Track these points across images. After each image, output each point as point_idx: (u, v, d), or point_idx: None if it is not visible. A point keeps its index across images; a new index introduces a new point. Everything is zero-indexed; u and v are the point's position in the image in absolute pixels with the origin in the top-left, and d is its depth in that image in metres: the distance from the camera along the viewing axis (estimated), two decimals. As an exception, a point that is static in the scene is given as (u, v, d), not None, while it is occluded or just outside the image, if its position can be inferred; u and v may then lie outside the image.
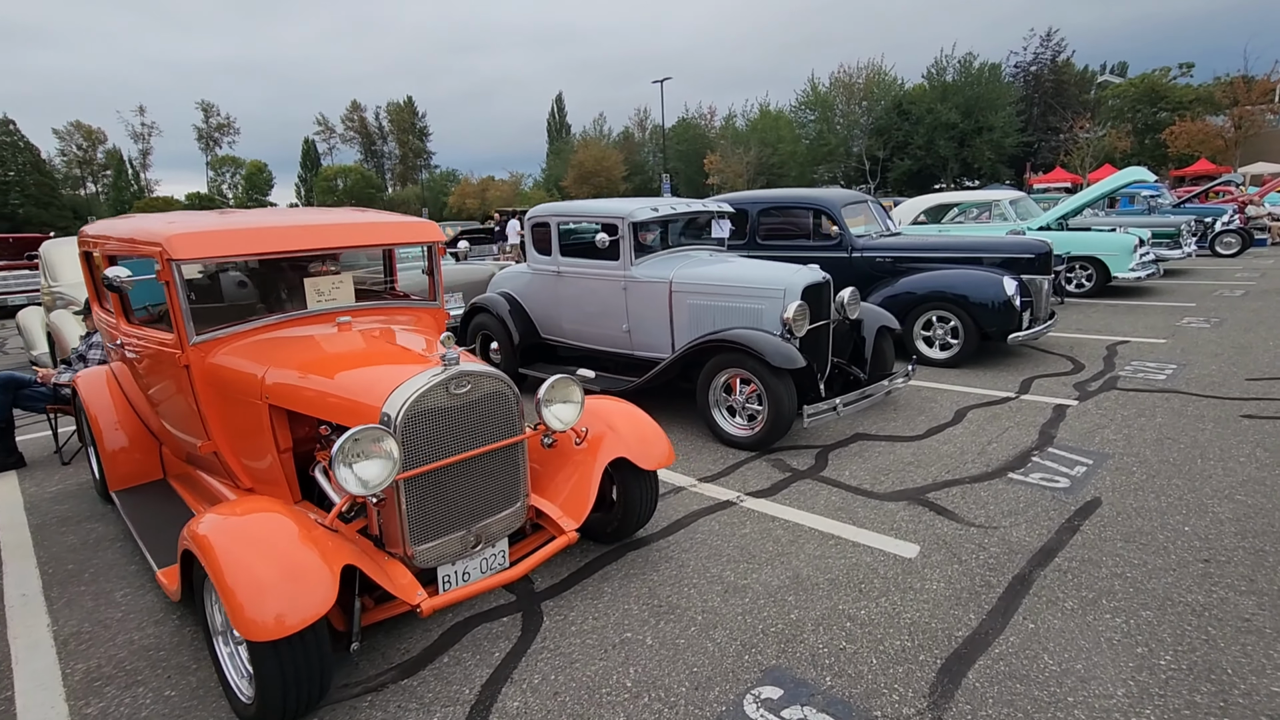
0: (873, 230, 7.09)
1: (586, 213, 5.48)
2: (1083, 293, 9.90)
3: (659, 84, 38.13)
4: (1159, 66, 49.87)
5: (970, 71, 47.86)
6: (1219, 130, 33.90)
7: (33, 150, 49.12)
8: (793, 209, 7.35)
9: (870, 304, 5.39)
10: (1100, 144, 39.99)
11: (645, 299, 5.14)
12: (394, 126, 76.41)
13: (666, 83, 39.33)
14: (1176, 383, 5.40)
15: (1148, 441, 4.19)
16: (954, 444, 4.33)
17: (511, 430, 2.72)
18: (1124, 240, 9.55)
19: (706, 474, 4.05)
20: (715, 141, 54.06)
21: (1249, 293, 9.67)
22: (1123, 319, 8.18)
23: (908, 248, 6.69)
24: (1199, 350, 6.44)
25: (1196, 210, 16.50)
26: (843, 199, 7.00)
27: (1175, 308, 8.77)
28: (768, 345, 4.21)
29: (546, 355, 6.01)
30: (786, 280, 4.58)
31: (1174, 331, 7.33)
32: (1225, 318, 7.94)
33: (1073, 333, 7.54)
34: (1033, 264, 6.34)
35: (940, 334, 6.28)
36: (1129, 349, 6.64)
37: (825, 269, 7.10)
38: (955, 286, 6.13)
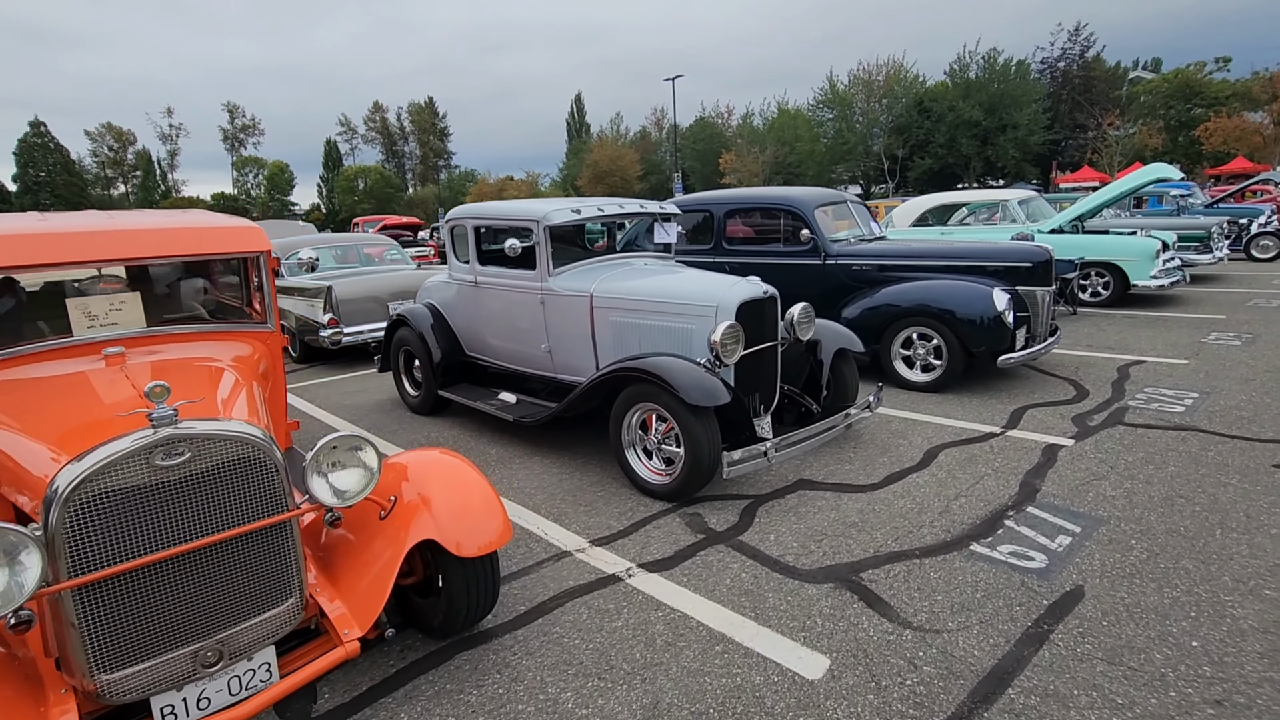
0: (852, 235, 6.27)
1: (500, 214, 4.77)
2: (1099, 302, 8.94)
3: (671, 81, 37.24)
4: (1194, 61, 47.68)
5: (994, 68, 46.20)
6: (1257, 127, 32.06)
7: (63, 151, 49.92)
8: (761, 210, 6.56)
9: (829, 321, 4.59)
10: (1130, 142, 38.26)
11: (565, 314, 4.41)
12: (415, 127, 76.54)
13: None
14: (1197, 417, 4.52)
15: (1154, 501, 3.35)
16: (913, 497, 3.53)
17: (271, 507, 2.03)
18: (1145, 245, 8.57)
19: (604, 533, 3.31)
20: (732, 140, 53.01)
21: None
22: (1141, 334, 7.24)
23: (889, 254, 5.86)
24: (1226, 374, 5.52)
25: (1231, 210, 15.28)
26: (816, 200, 6.19)
27: (1202, 320, 7.79)
28: (683, 377, 3.45)
29: (473, 375, 5.31)
30: (719, 296, 3.81)
31: (1199, 350, 6.40)
32: (1259, 333, 6.96)
33: (1082, 350, 6.63)
34: (1030, 274, 5.48)
35: (921, 354, 5.45)
36: (1144, 371, 5.74)
37: (797, 278, 6.36)
38: (937, 300, 5.29)
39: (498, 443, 4.70)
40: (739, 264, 6.48)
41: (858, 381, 4.51)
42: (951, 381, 5.34)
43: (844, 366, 4.46)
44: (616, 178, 52.21)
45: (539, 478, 4.06)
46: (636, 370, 3.61)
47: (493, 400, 4.84)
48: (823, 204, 6.24)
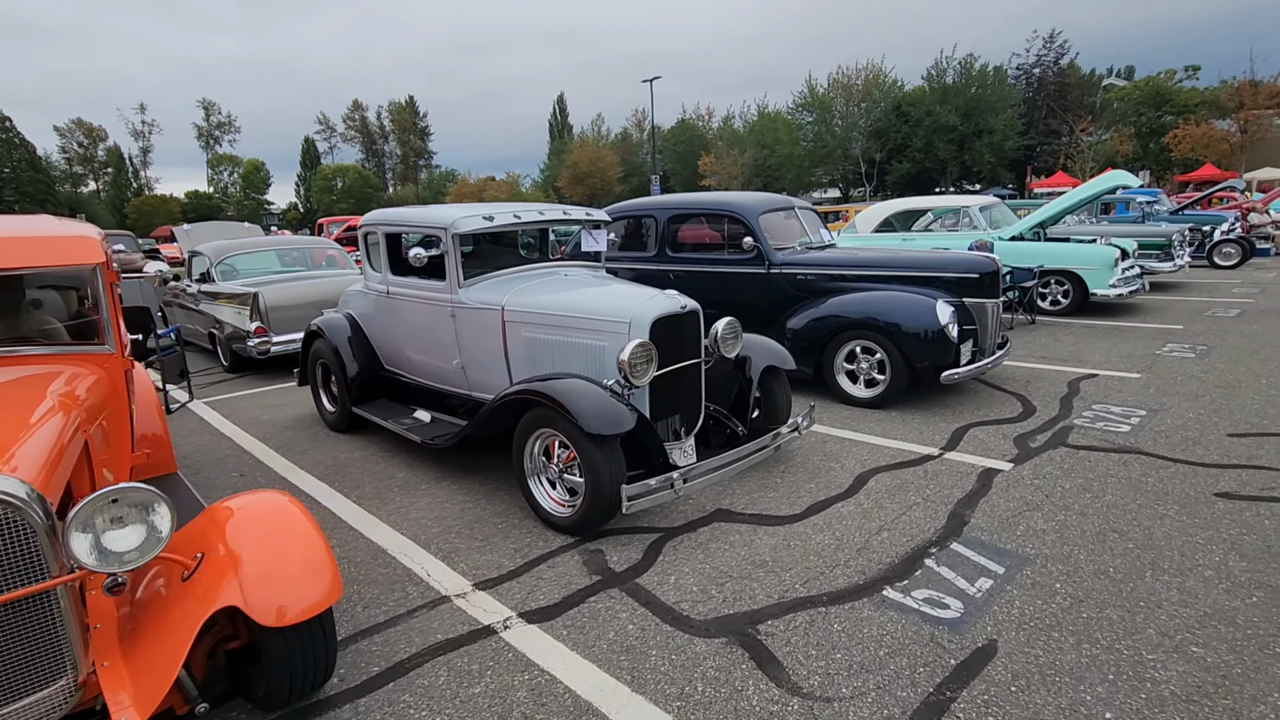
0: (799, 243, 6.01)
1: (409, 221, 4.44)
2: (1059, 311, 8.78)
3: (649, 83, 37.00)
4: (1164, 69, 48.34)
5: (971, 73, 46.51)
6: (1224, 134, 32.47)
7: (28, 147, 48.57)
8: (704, 217, 6.29)
9: (758, 337, 4.32)
10: (1102, 148, 38.65)
11: (476, 329, 4.10)
12: (395, 126, 75.69)
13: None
14: (1142, 438, 4.31)
15: (1086, 536, 3.11)
16: (834, 531, 3.26)
17: (20, 575, 1.71)
18: (1104, 253, 8.42)
19: (493, 573, 3.00)
20: (713, 143, 52.92)
21: (1244, 312, 8.51)
22: (1096, 345, 7.06)
23: (835, 264, 5.61)
24: (1177, 389, 5.33)
25: (1195, 218, 15.31)
26: (760, 206, 5.92)
27: (1159, 330, 7.64)
28: (583, 402, 3.16)
29: (393, 391, 4.98)
30: (632, 311, 3.52)
31: (1152, 362, 6.22)
32: (1214, 344, 6.81)
33: (1035, 361, 6.43)
34: (977, 285, 5.25)
35: (865, 368, 5.21)
36: (1095, 386, 5.54)
37: (740, 287, 6.09)
38: (880, 312, 5.05)
39: (409, 465, 4.37)
40: (682, 272, 6.22)
41: (790, 400, 4.24)
42: (895, 397, 5.10)
43: (775, 385, 4.19)
44: (596, 179, 51.87)
45: (441, 506, 3.74)
46: (534, 394, 3.30)
47: (406, 419, 4.52)
48: (768, 210, 5.97)
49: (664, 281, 6.46)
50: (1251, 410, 4.75)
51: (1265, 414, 4.66)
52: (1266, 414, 4.66)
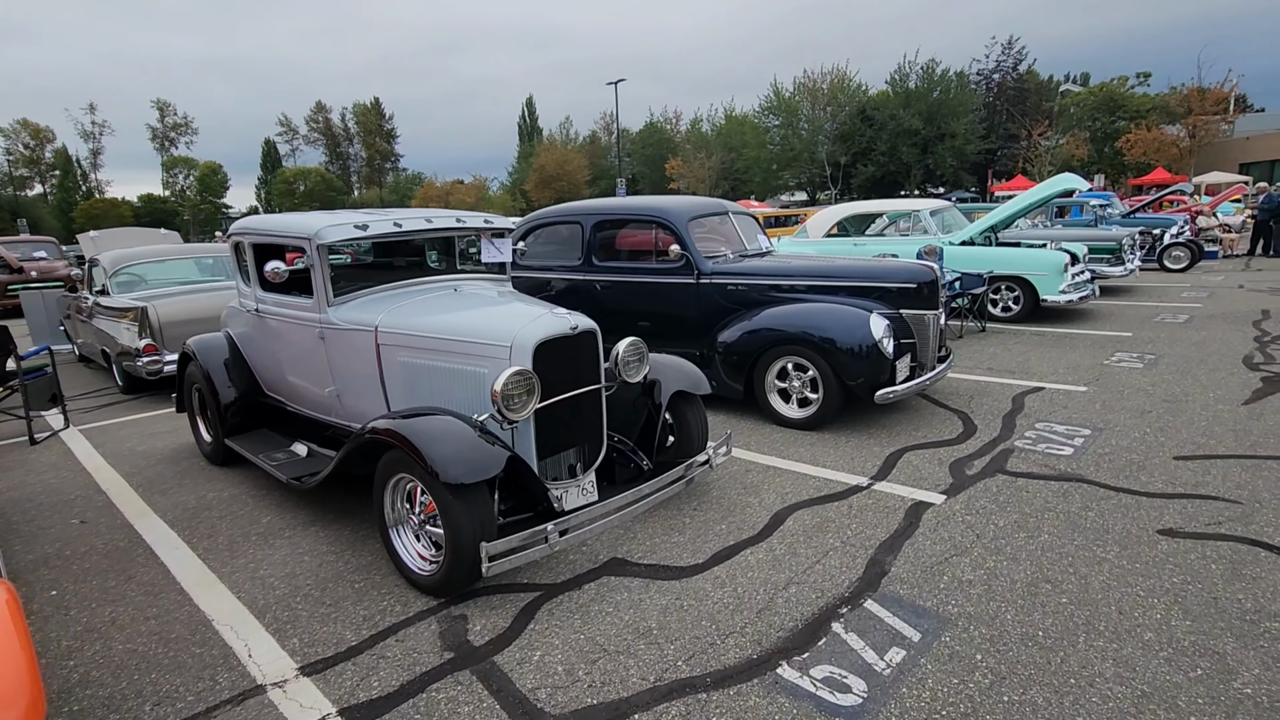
0: (733, 251, 5.61)
1: (273, 229, 3.93)
2: (1010, 317, 8.54)
3: (614, 85, 36.60)
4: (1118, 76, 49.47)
5: (933, 78, 47.05)
6: (1174, 139, 33.17)
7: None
8: (631, 223, 5.87)
9: (670, 357, 3.90)
10: (1059, 152, 39.30)
11: (348, 352, 3.61)
12: (360, 128, 74.19)
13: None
14: (1083, 463, 3.98)
15: (1016, 588, 2.73)
16: (737, 585, 2.85)
17: None
18: (1053, 258, 8.20)
19: (328, 651, 2.52)
20: (681, 146, 52.74)
21: (1193, 318, 8.36)
22: (1045, 354, 6.80)
23: (767, 273, 5.22)
24: (1124, 405, 5.05)
25: (1146, 221, 15.37)
26: (690, 211, 5.51)
27: (1108, 339, 7.42)
28: (439, 444, 2.69)
29: (278, 420, 4.45)
30: (514, 332, 3.07)
31: (1100, 374, 5.95)
32: (1161, 354, 6.59)
33: (981, 373, 6.13)
34: (915, 295, 4.90)
35: (797, 386, 4.83)
36: (1040, 401, 5.24)
37: (669, 299, 5.66)
38: (810, 325, 4.67)
39: (278, 507, 3.86)
40: (609, 283, 5.79)
41: (705, 427, 3.82)
42: (829, 418, 4.72)
43: (688, 411, 3.77)
44: (564, 182, 51.28)
45: (298, 559, 3.24)
46: (386, 433, 2.83)
47: (281, 454, 4.00)
48: (698, 215, 5.57)
49: (590, 293, 6.07)
50: (1198, 428, 4.47)
51: (1212, 432, 4.37)
52: (1213, 432, 4.37)
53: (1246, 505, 3.34)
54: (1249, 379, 5.54)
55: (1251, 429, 4.39)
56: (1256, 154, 35.76)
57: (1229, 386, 5.36)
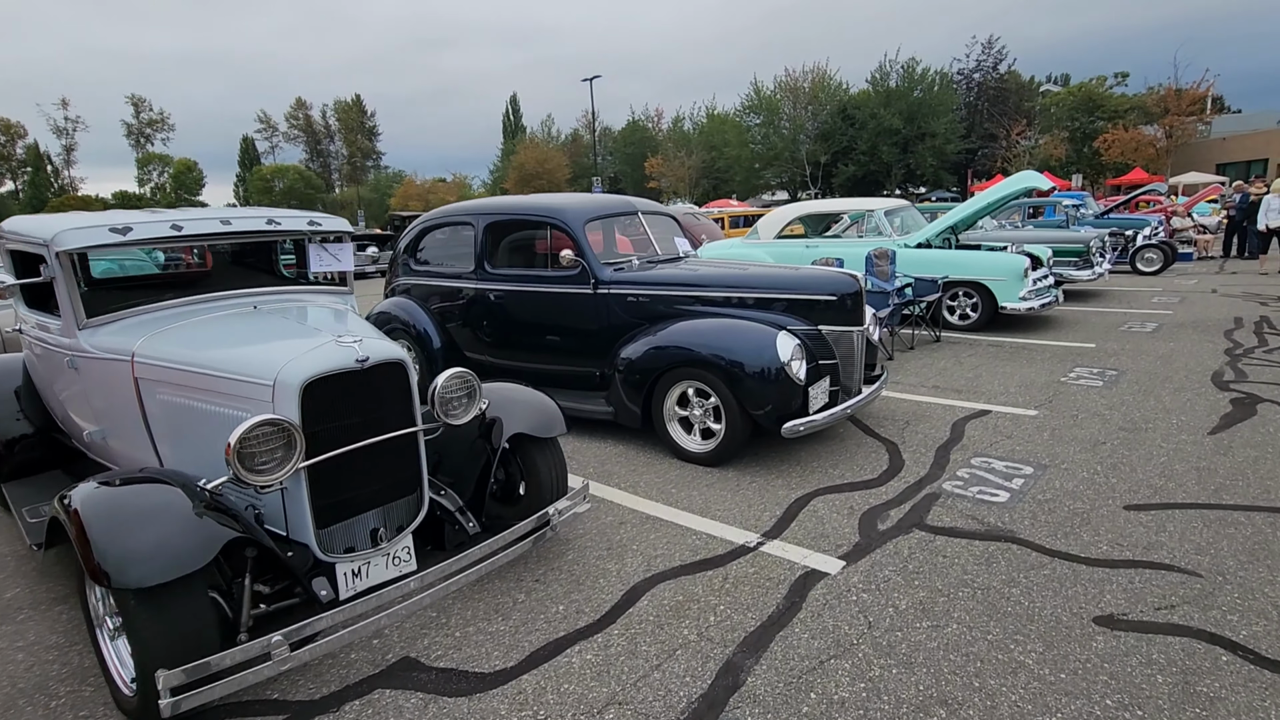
0: (640, 256, 4.90)
1: (13, 231, 3.18)
2: (967, 325, 7.90)
3: (589, 82, 35.79)
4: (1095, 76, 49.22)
5: (913, 76, 46.59)
6: (1151, 139, 32.83)
7: (-69, 144, 44.87)
8: (524, 225, 5.15)
9: (520, 388, 3.19)
10: (1037, 152, 38.95)
11: (103, 386, 2.89)
12: (341, 125, 72.91)
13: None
14: (1018, 514, 3.32)
15: (903, 713, 2.05)
16: (542, 705, 2.14)
17: None
18: (1013, 263, 7.56)
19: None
20: (663, 144, 51.99)
21: (1161, 327, 7.75)
22: (999, 369, 6.15)
23: (673, 283, 4.51)
24: (1076, 434, 4.39)
25: (1119, 222, 14.85)
26: (589, 210, 4.80)
27: (1069, 351, 6.79)
28: (123, 532, 1.97)
29: (74, 461, 3.70)
30: (278, 367, 2.36)
31: (1055, 394, 5.31)
32: (1125, 368, 5.95)
33: (925, 392, 5.47)
34: (836, 309, 4.21)
35: (699, 414, 4.13)
36: (983, 428, 4.58)
37: (564, 311, 4.92)
38: (706, 345, 3.97)
39: (35, 576, 3.12)
40: (503, 293, 5.07)
41: (562, 474, 3.12)
42: (734, 452, 4.03)
43: (538, 455, 3.06)
44: (544, 180, 50.39)
45: (30, 650, 2.51)
46: (68, 513, 2.10)
47: (46, 505, 3.27)
48: (599, 216, 4.86)
49: (484, 305, 5.35)
50: (1156, 465, 3.81)
51: (1171, 471, 3.72)
52: (1173, 471, 3.72)
53: (1207, 579, 2.68)
54: (1217, 401, 4.91)
55: (1217, 467, 3.75)
56: (1233, 154, 35.51)
57: (1195, 411, 4.72)
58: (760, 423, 3.88)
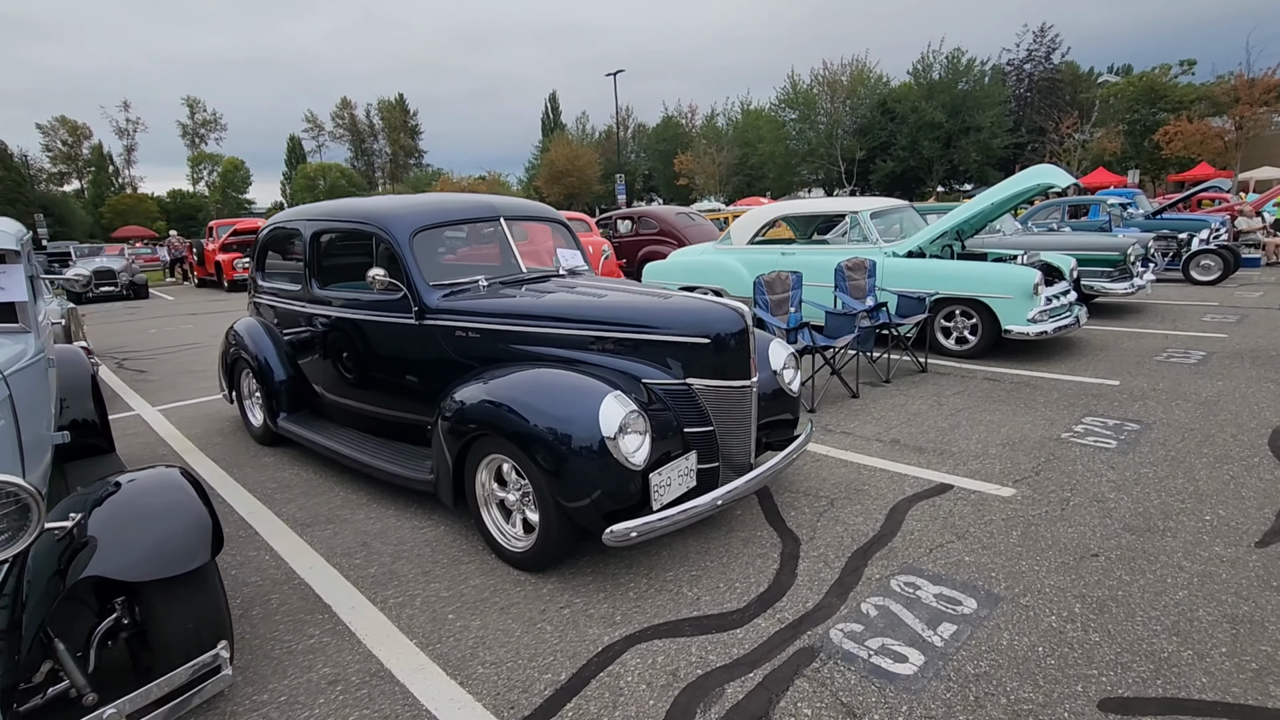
0: (491, 276, 3.76)
1: None
2: (965, 351, 6.49)
3: (612, 76, 34.64)
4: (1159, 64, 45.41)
5: (958, 68, 43.85)
6: (1218, 131, 29.77)
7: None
8: (348, 235, 4.08)
9: (158, 493, 2.10)
10: (1090, 146, 36.04)
11: None
12: (385, 124, 73.78)
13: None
14: (922, 712, 2.07)
15: None
16: None
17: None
18: (1018, 277, 6.12)
19: None
20: (696, 141, 50.44)
21: (1209, 356, 6.19)
22: (984, 416, 4.79)
23: (510, 315, 3.35)
24: (1057, 535, 3.07)
25: (1172, 223, 12.95)
26: (422, 217, 3.66)
27: (1085, 389, 5.35)
28: None
29: None
30: None
31: (1047, 459, 3.95)
32: (1152, 421, 4.52)
33: (876, 450, 4.18)
34: (713, 354, 2.98)
35: (515, 499, 2.98)
36: (931, 516, 3.29)
37: (386, 345, 3.76)
38: (509, 407, 2.80)
39: None
40: (329, 320, 4.02)
41: (209, 624, 2.02)
42: (555, 555, 2.87)
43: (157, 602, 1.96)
44: (574, 178, 49.52)
45: None
46: None
47: None
48: (434, 224, 3.72)
49: (311, 335, 4.29)
50: (1167, 607, 2.49)
51: (1190, 624, 2.39)
52: (1192, 624, 2.39)
53: None
54: (1273, 485, 3.49)
55: (1265, 620, 2.40)
56: (1313, 148, 32.00)
57: (1241, 498, 3.33)
58: (575, 520, 2.70)
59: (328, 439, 4.00)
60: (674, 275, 8.51)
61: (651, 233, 13.26)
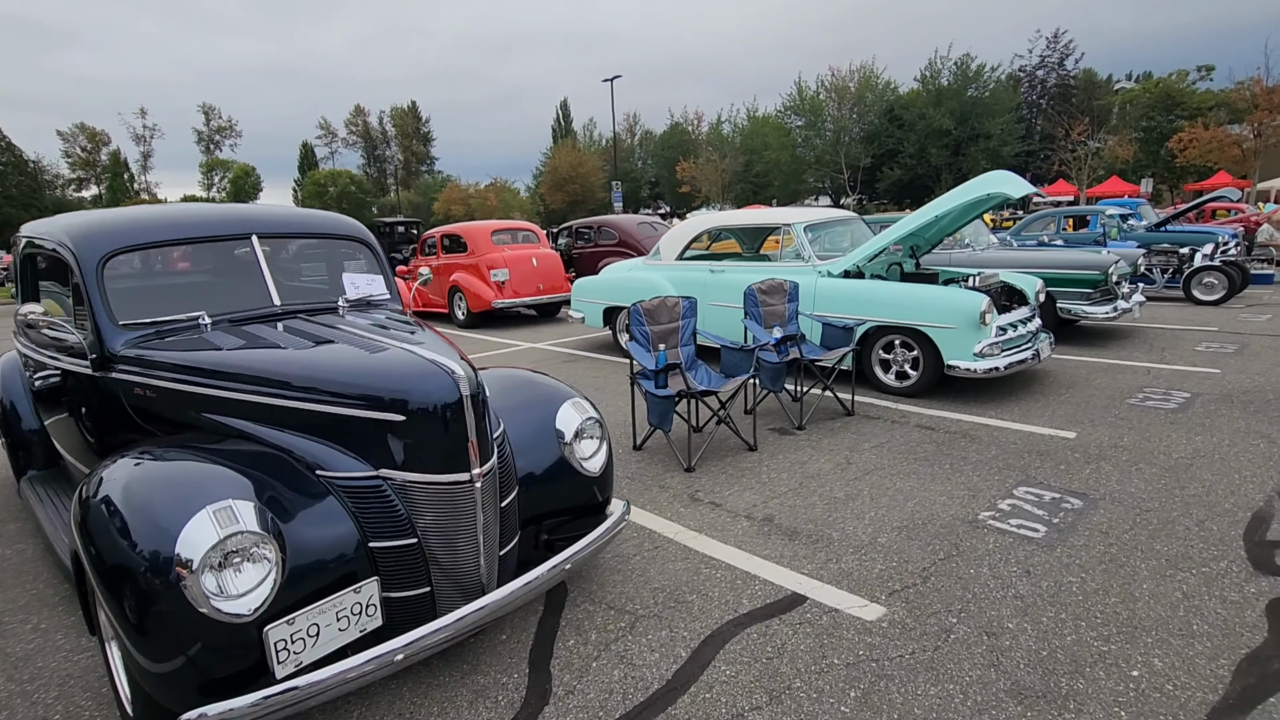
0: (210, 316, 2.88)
1: None
2: (905, 389, 5.51)
3: (610, 82, 33.88)
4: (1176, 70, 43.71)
5: (967, 74, 42.51)
6: (1236, 138, 28.22)
7: (14, 151, 47.25)
8: (49, 257, 3.23)
9: None
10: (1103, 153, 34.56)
11: None
12: (397, 131, 73.88)
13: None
14: None
15: None
16: None
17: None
18: (962, 303, 5.13)
19: None
20: (701, 147, 49.50)
21: (1195, 400, 5.15)
22: (896, 483, 3.82)
23: (190, 371, 2.48)
24: (908, 712, 2.13)
25: (1174, 236, 11.80)
26: (123, 235, 2.80)
27: (1030, 443, 4.35)
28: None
29: None
30: None
31: (947, 555, 2.99)
32: (1102, 494, 3.53)
33: (738, 535, 3.24)
34: (402, 435, 2.06)
35: (132, 638, 2.10)
36: (759, 649, 2.35)
37: (71, 402, 2.91)
38: (91, 524, 1.91)
39: None
40: (30, 361, 3.18)
41: None
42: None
43: None
44: (578, 184, 48.80)
45: None
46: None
47: None
48: (131, 246, 2.85)
49: (33, 374, 3.45)
50: None
51: None
52: None
53: None
54: (1244, 604, 2.51)
55: None
56: (1337, 156, 30.21)
57: (1186, 640, 2.35)
58: (155, 697, 1.81)
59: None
60: (603, 293, 7.64)
61: (611, 243, 12.40)
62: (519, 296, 9.88)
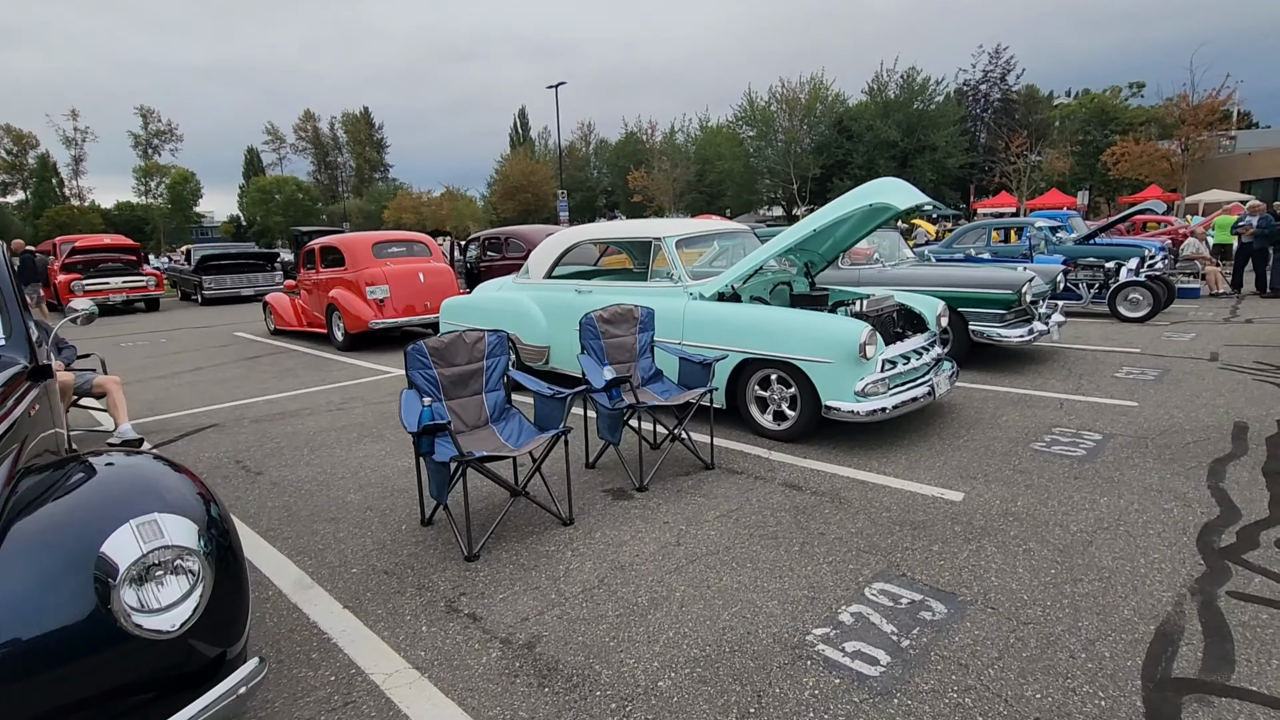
0: None
1: None
2: (781, 431, 4.66)
3: (554, 89, 32.96)
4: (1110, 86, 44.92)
5: (913, 87, 42.87)
6: (1165, 153, 28.75)
7: (-73, 154, 44.07)
8: None
9: None
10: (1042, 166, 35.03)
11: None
12: (349, 138, 71.66)
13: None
14: None
15: None
16: None
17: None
18: (839, 333, 4.30)
19: None
20: (655, 157, 48.92)
21: (1107, 443, 4.41)
22: (714, 579, 2.92)
23: None
24: None
25: (1098, 251, 11.36)
26: None
27: (908, 507, 3.52)
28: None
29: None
30: None
31: (753, 708, 2.11)
32: (969, 597, 2.70)
33: (505, 673, 2.31)
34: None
35: None
36: None
37: None
38: None
39: None
40: None
41: None
42: None
43: None
44: (530, 193, 47.63)
45: None
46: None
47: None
48: None
49: None
50: None
51: None
52: None
53: None
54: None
55: None
56: (1260, 170, 31.09)
57: None
58: None
59: None
60: (474, 316, 6.66)
61: (519, 256, 11.40)
62: (400, 316, 8.82)
